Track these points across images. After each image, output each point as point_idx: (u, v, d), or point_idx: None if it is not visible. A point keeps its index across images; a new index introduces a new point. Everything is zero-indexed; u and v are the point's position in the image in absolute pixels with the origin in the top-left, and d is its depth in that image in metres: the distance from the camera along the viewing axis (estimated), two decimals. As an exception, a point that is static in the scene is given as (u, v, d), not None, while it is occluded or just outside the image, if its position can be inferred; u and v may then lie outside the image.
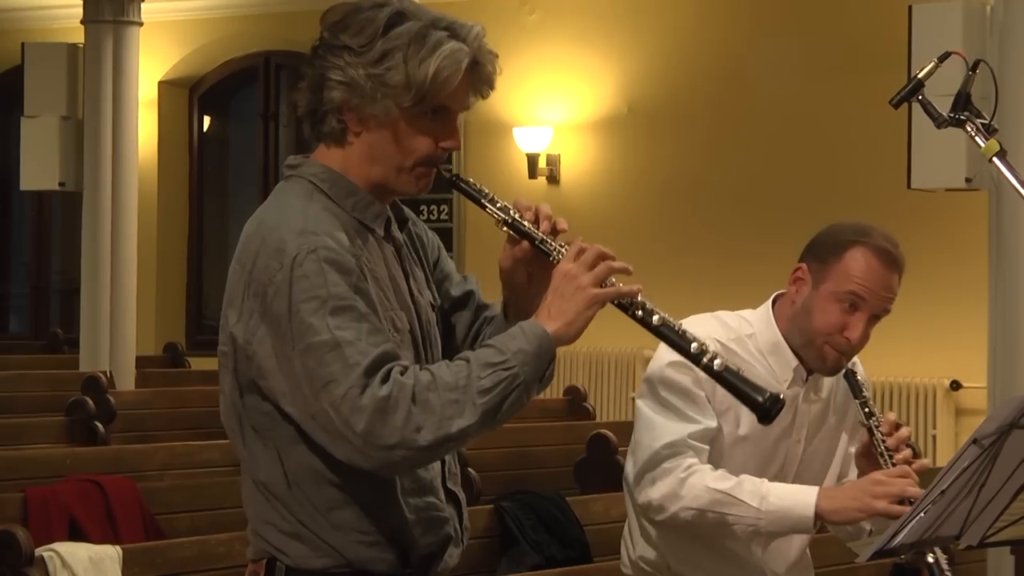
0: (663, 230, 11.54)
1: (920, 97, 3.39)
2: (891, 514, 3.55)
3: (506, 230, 2.96)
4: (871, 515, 3.69)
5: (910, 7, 7.30)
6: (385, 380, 2.74)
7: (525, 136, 12.00)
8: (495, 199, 2.97)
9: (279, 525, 2.90)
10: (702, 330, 3.83)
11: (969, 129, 3.33)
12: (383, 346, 2.77)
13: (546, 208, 2.97)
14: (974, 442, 2.78)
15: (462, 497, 3.08)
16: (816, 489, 3.76)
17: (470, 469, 6.62)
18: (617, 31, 11.81)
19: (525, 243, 2.95)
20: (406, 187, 2.95)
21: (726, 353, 3.83)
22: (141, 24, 11.02)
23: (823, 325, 3.81)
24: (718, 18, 11.45)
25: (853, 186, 10.54)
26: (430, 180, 2.97)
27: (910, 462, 3.74)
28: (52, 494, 5.96)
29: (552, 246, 2.92)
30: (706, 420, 3.77)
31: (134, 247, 10.95)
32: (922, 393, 10.37)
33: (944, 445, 10.20)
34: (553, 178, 12.06)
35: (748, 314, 3.96)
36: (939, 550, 3.56)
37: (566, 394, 9.46)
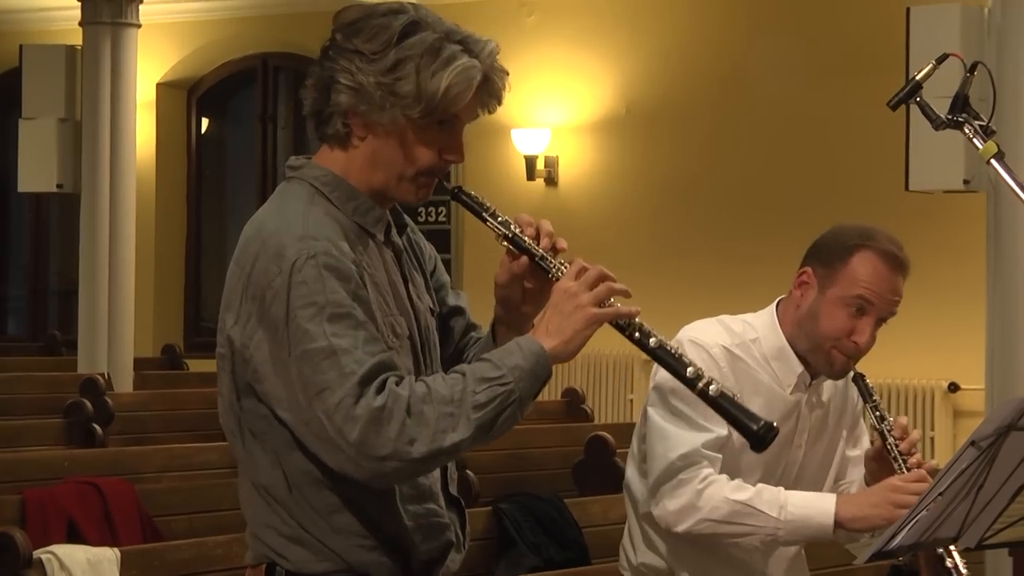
0: (661, 231, 11.54)
1: (918, 99, 3.39)
2: None
3: (506, 245, 2.94)
4: (892, 523, 3.68)
5: (908, 9, 7.31)
6: (380, 390, 2.73)
7: (523, 138, 12.00)
8: (496, 213, 2.94)
9: (279, 529, 2.89)
10: (706, 334, 3.85)
11: (967, 131, 3.33)
12: (379, 355, 2.76)
13: (547, 225, 2.95)
14: (972, 444, 2.78)
15: (463, 503, 3.08)
16: (834, 497, 3.76)
17: (468, 471, 6.62)
18: (615, 33, 11.81)
19: (524, 258, 2.93)
20: (406, 195, 2.94)
21: (732, 359, 3.83)
22: (139, 26, 11.02)
23: (831, 330, 3.81)
24: (716, 20, 11.45)
25: (851, 188, 10.54)
26: (430, 190, 2.96)
27: (921, 464, 3.75)
28: (50, 496, 5.96)
29: (552, 263, 2.91)
30: (717, 428, 3.75)
31: (132, 249, 10.95)
32: (920, 395, 10.37)
33: (942, 447, 10.20)
34: (551, 180, 12.05)
35: (751, 318, 3.94)
36: (957, 554, 3.56)
37: (564, 396, 9.46)
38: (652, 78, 11.67)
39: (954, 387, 10.29)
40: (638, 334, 2.86)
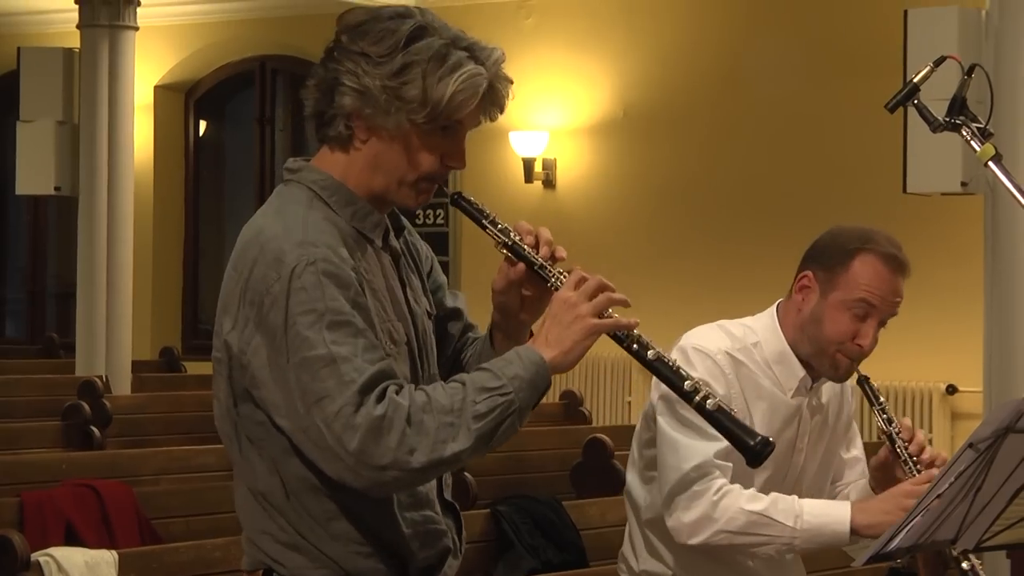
0: (659, 234, 11.54)
1: (916, 101, 3.40)
2: None
3: (505, 252, 2.93)
4: None
5: (905, 11, 7.31)
6: (380, 399, 2.72)
7: (521, 140, 11.99)
8: (496, 220, 2.94)
9: (276, 535, 2.88)
10: (709, 341, 3.83)
11: (964, 133, 3.33)
12: (379, 364, 2.75)
13: (547, 233, 2.95)
14: (970, 446, 2.78)
15: (459, 508, 3.07)
16: (848, 504, 3.75)
17: (466, 474, 6.61)
18: (613, 36, 11.82)
19: (522, 266, 2.92)
20: (405, 200, 2.93)
21: (735, 365, 3.82)
22: (137, 29, 11.01)
23: (835, 334, 3.80)
24: (714, 22, 11.45)
25: (849, 190, 10.54)
26: (429, 196, 2.94)
27: (934, 461, 3.75)
28: (48, 499, 5.95)
29: (551, 272, 2.90)
30: None
31: (130, 252, 10.94)
32: (918, 397, 10.37)
33: (940, 449, 10.16)
34: (549, 182, 12.05)
35: (751, 322, 3.93)
36: (973, 556, 3.55)
37: (562, 398, 9.46)
38: (650, 81, 11.67)
39: (952, 389, 10.29)
40: (636, 346, 2.86)
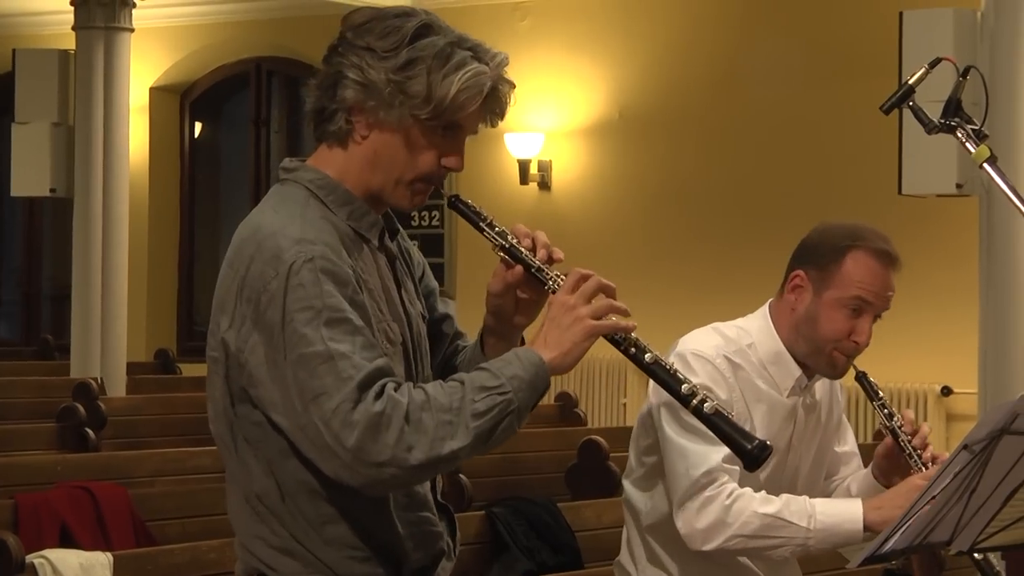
0: (654, 236, 11.54)
1: (911, 103, 3.39)
2: None
3: (501, 255, 2.92)
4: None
5: (901, 13, 7.32)
6: (379, 396, 2.71)
7: (516, 142, 11.99)
8: (493, 223, 2.93)
9: (269, 540, 2.86)
10: (706, 345, 3.82)
11: (960, 135, 3.33)
12: (377, 361, 2.74)
13: (543, 236, 2.94)
14: (965, 447, 2.77)
15: (452, 510, 3.06)
16: (860, 502, 3.75)
17: (461, 475, 6.61)
18: (608, 37, 11.82)
19: (519, 268, 2.91)
20: (401, 200, 2.92)
21: (734, 368, 3.82)
22: (132, 30, 11.01)
23: (831, 332, 3.80)
24: (709, 24, 11.46)
25: (845, 192, 10.54)
26: (425, 198, 2.94)
27: (935, 458, 3.76)
28: (43, 501, 5.95)
29: (548, 275, 2.89)
30: None
31: (125, 253, 10.93)
32: (913, 398, 10.37)
33: (935, 450, 10.19)
34: (544, 184, 12.05)
35: (744, 323, 3.92)
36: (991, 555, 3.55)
37: (557, 400, 9.46)
38: (645, 83, 11.67)
39: (947, 391, 10.30)
40: (634, 349, 2.85)
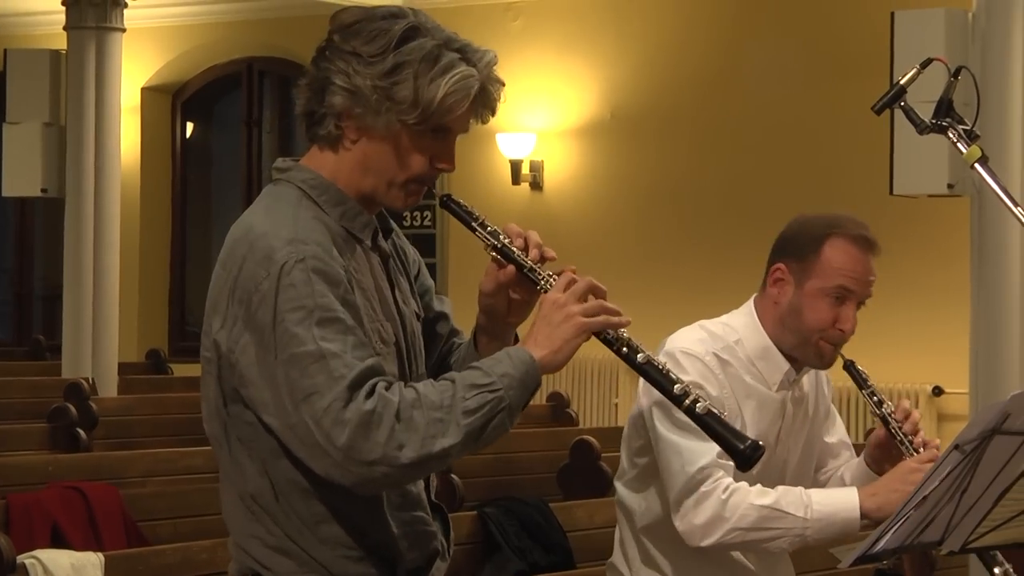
0: (646, 236, 11.54)
1: (902, 103, 3.40)
2: None
3: (493, 255, 2.92)
4: None
5: (892, 13, 7.32)
6: (370, 395, 2.71)
7: (508, 142, 11.99)
8: (485, 223, 2.93)
9: (264, 539, 2.86)
10: (695, 343, 3.83)
11: (951, 135, 3.33)
12: (368, 360, 2.74)
13: (536, 236, 2.94)
14: (956, 447, 2.78)
15: (446, 510, 3.06)
16: (855, 490, 3.76)
17: (453, 475, 6.61)
18: (600, 37, 11.82)
19: (512, 268, 2.91)
20: (394, 202, 2.92)
21: (723, 365, 3.83)
22: (124, 30, 11.00)
23: (816, 322, 3.81)
24: (701, 25, 11.46)
25: (836, 192, 10.54)
26: (419, 198, 2.94)
27: (926, 443, 3.77)
28: (34, 501, 5.94)
29: (540, 275, 2.89)
30: None
31: (116, 254, 10.92)
32: (904, 398, 10.37)
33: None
34: (536, 184, 12.06)
35: (730, 319, 3.93)
36: (1009, 566, 3.56)
37: (549, 400, 9.47)
38: (637, 83, 11.68)
39: (938, 391, 10.31)
40: (626, 349, 2.85)
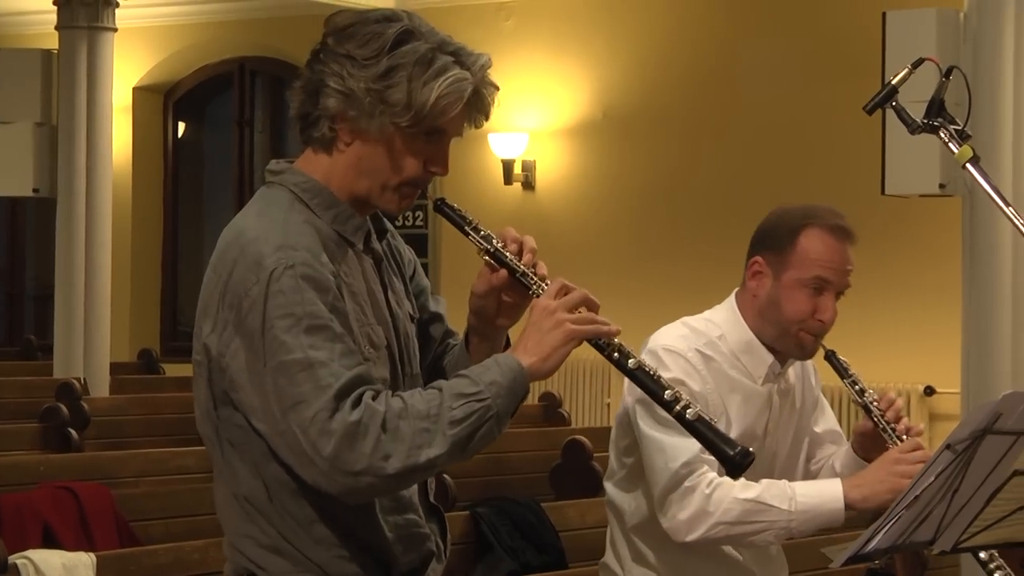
0: (638, 235, 11.55)
1: (894, 103, 3.41)
2: None
3: (487, 259, 2.93)
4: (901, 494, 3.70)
5: (884, 13, 7.32)
6: (356, 404, 2.71)
7: (500, 142, 11.99)
8: (478, 227, 2.94)
9: (258, 539, 2.87)
10: (678, 340, 3.85)
11: (943, 135, 3.34)
12: (356, 369, 2.75)
13: (531, 241, 2.95)
14: (947, 447, 2.78)
15: (443, 511, 3.06)
16: (839, 481, 3.77)
17: (445, 476, 6.61)
18: (592, 37, 11.83)
19: (504, 272, 2.92)
20: (387, 205, 2.92)
21: (706, 361, 3.84)
22: (115, 30, 10.98)
23: (794, 313, 3.83)
24: (693, 25, 11.47)
25: (827, 192, 10.53)
26: (412, 201, 2.94)
27: (909, 429, 3.78)
28: (26, 501, 5.94)
29: (533, 279, 2.90)
30: None
31: (108, 253, 10.91)
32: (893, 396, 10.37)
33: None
34: (528, 184, 12.06)
35: (712, 315, 3.95)
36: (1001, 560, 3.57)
37: (541, 400, 9.46)
38: (629, 83, 11.68)
39: (930, 390, 10.32)
40: (617, 354, 2.86)
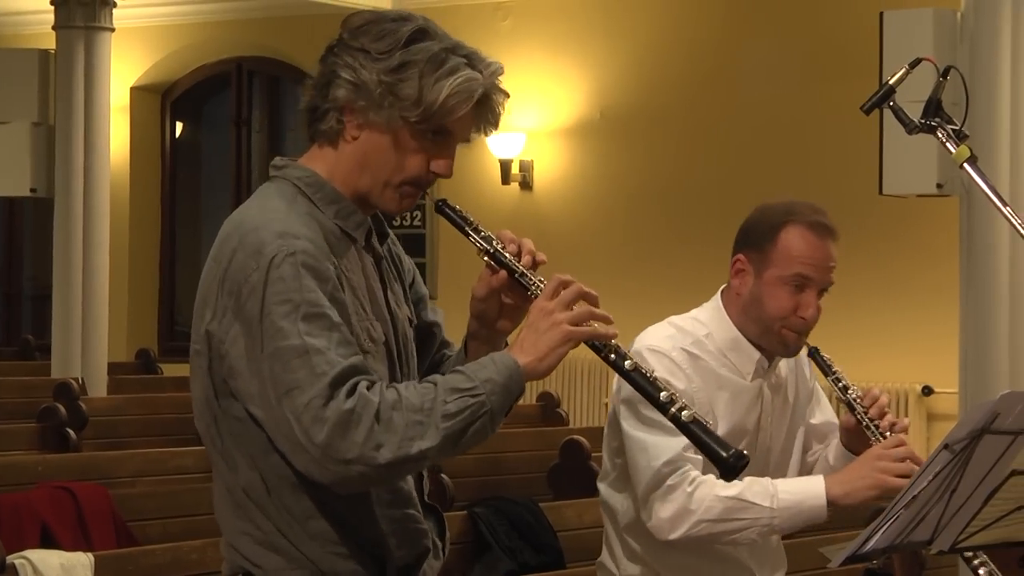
0: (635, 235, 11.55)
1: (891, 103, 3.41)
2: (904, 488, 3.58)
3: (487, 260, 2.94)
4: (885, 492, 3.71)
5: (881, 14, 7.33)
6: (351, 393, 2.72)
7: (498, 142, 11.98)
8: (479, 228, 2.94)
9: (254, 535, 2.88)
10: (663, 340, 3.87)
11: (940, 135, 3.34)
12: (352, 358, 2.76)
13: (529, 243, 2.95)
14: (945, 447, 2.78)
15: (440, 510, 3.07)
16: (822, 478, 3.79)
17: (443, 475, 6.61)
18: (590, 38, 11.83)
19: (504, 273, 2.93)
20: (388, 203, 2.93)
21: (692, 360, 3.85)
22: (113, 30, 10.98)
23: (776, 310, 3.84)
24: (690, 25, 11.47)
25: (825, 192, 10.52)
26: (413, 202, 2.95)
27: (893, 425, 3.79)
28: (24, 501, 5.94)
29: (532, 280, 2.91)
30: None
31: (106, 253, 10.91)
32: (894, 398, 10.38)
33: (916, 450, 10.21)
34: (526, 184, 12.06)
35: (698, 313, 3.97)
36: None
37: (539, 400, 9.46)
38: (626, 83, 11.68)
39: (928, 390, 10.32)
40: (614, 356, 2.86)
